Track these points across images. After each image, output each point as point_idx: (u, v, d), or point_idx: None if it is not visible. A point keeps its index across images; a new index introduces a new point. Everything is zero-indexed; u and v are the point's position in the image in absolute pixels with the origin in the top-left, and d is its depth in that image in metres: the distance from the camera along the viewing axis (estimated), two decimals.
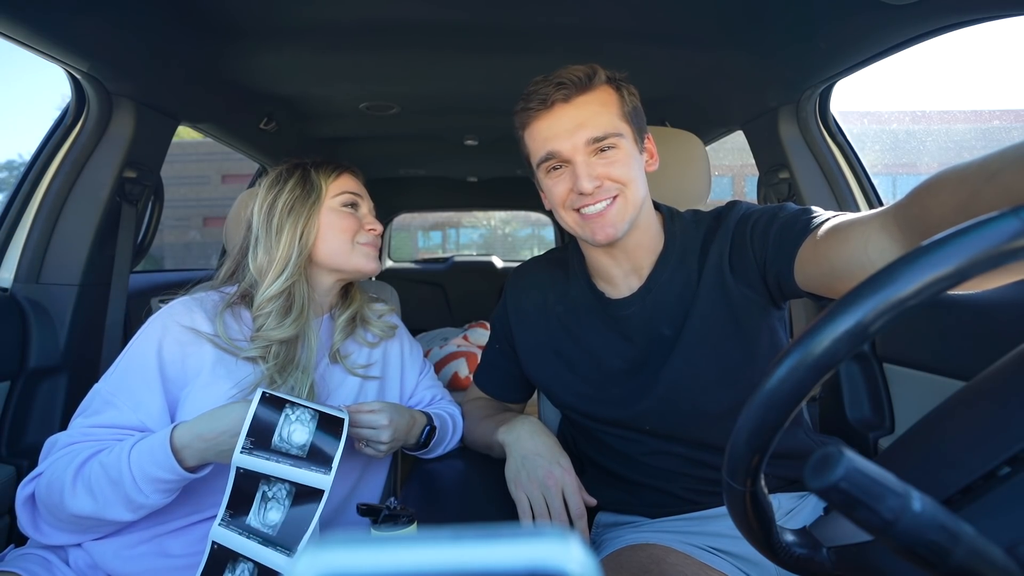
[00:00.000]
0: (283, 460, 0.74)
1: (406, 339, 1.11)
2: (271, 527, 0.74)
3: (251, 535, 0.74)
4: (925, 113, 2.45)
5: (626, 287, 0.92)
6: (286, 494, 0.75)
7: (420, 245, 6.31)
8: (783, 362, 0.33)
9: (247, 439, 0.73)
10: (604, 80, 0.84)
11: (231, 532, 0.74)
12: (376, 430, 0.87)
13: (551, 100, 0.82)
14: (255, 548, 0.73)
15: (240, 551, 0.73)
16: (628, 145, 0.84)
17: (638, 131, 0.87)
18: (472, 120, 2.02)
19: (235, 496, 0.74)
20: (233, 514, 0.74)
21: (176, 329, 0.86)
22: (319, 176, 0.97)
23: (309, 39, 1.25)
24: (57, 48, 1.05)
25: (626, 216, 0.83)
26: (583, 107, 0.82)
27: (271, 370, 0.86)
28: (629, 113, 0.85)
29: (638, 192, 0.84)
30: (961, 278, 0.28)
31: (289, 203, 0.94)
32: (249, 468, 0.73)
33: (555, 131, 0.82)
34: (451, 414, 1.10)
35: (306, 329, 0.92)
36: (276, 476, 0.74)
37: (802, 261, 0.72)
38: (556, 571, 0.18)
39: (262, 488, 0.75)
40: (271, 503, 0.75)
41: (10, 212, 1.23)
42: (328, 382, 0.96)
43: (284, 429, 0.75)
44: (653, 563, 0.79)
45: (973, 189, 0.47)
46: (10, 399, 1.14)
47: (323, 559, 0.18)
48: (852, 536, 0.42)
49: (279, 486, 0.75)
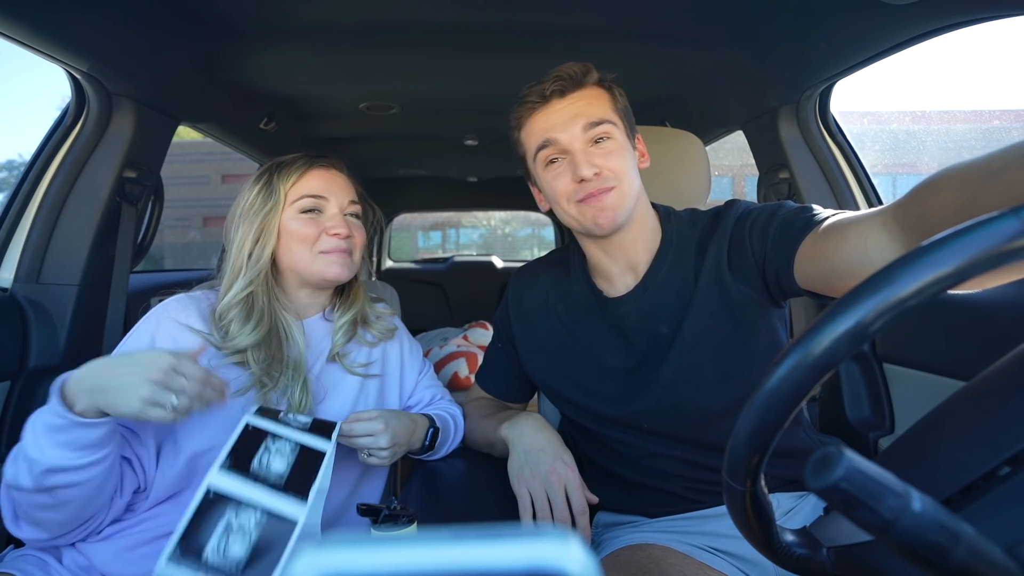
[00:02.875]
0: (260, 484, 0.70)
1: (406, 339, 1.11)
2: (234, 563, 0.65)
3: (208, 571, 0.64)
4: (925, 113, 2.45)
5: (622, 285, 0.92)
6: (255, 523, 0.67)
7: (420, 245, 6.31)
8: (783, 362, 0.33)
9: (227, 458, 0.71)
10: (596, 79, 0.87)
11: (181, 569, 0.64)
12: (374, 436, 0.86)
13: (548, 93, 0.85)
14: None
15: None
16: (622, 137, 0.87)
17: (630, 128, 0.89)
18: (472, 120, 2.02)
19: (195, 520, 0.66)
20: (185, 547, 0.65)
21: (169, 323, 0.86)
22: (280, 180, 0.93)
23: (309, 39, 1.25)
24: (57, 48, 1.05)
25: (623, 204, 0.85)
26: (578, 100, 0.85)
27: (257, 374, 0.85)
28: (621, 110, 0.88)
29: (632, 185, 0.86)
30: (961, 278, 0.28)
31: (247, 210, 0.93)
32: (222, 490, 0.68)
33: (552, 122, 0.85)
34: (452, 414, 1.09)
35: (282, 330, 0.91)
36: (247, 502, 0.68)
37: (802, 259, 0.72)
38: (556, 571, 0.18)
39: (228, 516, 0.67)
40: (235, 535, 0.66)
41: (10, 212, 1.23)
42: (325, 382, 0.95)
43: (263, 457, 0.73)
44: (652, 563, 0.79)
45: (974, 188, 0.47)
46: (10, 399, 1.14)
47: (323, 559, 0.18)
48: (852, 536, 0.42)
49: (248, 514, 0.68)
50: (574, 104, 0.85)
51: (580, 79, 0.85)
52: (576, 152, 0.83)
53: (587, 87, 0.86)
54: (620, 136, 0.86)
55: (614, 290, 0.93)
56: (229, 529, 0.66)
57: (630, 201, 0.85)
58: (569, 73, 0.85)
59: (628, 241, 0.89)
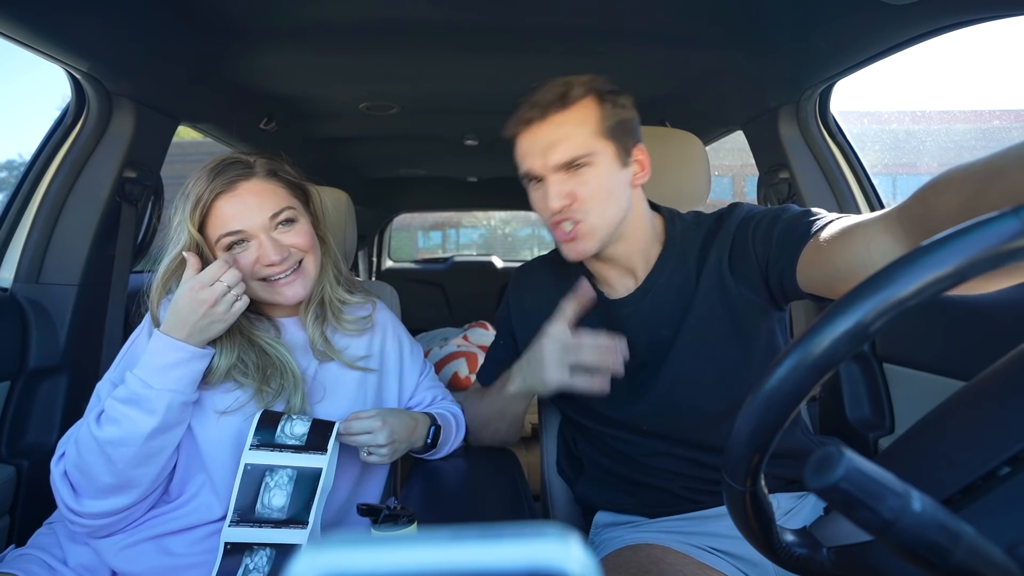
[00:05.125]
0: (266, 526, 0.77)
1: (406, 339, 1.10)
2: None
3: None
4: (925, 113, 2.45)
5: (623, 287, 0.92)
6: (267, 560, 0.77)
7: (420, 245, 6.30)
8: (783, 362, 0.33)
9: (235, 512, 0.77)
10: (584, 94, 0.82)
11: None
12: (372, 434, 0.86)
13: (527, 118, 0.82)
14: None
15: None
16: (605, 162, 0.82)
17: (621, 145, 0.84)
18: (472, 120, 2.02)
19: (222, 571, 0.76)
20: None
21: None
22: (189, 223, 0.82)
23: (309, 39, 1.25)
24: (57, 48, 1.05)
25: (594, 238, 0.84)
26: (558, 126, 0.81)
27: (256, 385, 0.84)
28: (611, 128, 0.82)
29: (609, 211, 0.83)
30: (961, 278, 0.28)
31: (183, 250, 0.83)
32: (236, 540, 0.76)
33: (528, 150, 0.83)
34: (454, 413, 1.09)
35: (257, 340, 0.87)
36: (259, 543, 0.77)
37: (805, 263, 0.72)
38: (556, 571, 0.18)
39: (244, 562, 0.77)
40: (252, 574, 0.76)
41: (10, 212, 1.23)
42: (322, 381, 0.93)
43: (264, 496, 0.78)
44: (652, 563, 0.79)
45: (977, 187, 0.47)
46: (10, 399, 1.14)
47: (323, 559, 0.18)
48: (852, 536, 0.42)
49: (260, 554, 0.77)
50: (553, 131, 0.81)
51: (559, 101, 0.81)
52: (548, 183, 0.82)
53: (571, 107, 0.81)
54: (603, 160, 0.82)
55: (614, 292, 0.93)
56: (247, 572, 0.77)
57: (604, 231, 0.84)
58: (548, 96, 0.81)
59: (619, 254, 0.89)
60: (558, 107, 0.81)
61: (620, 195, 0.84)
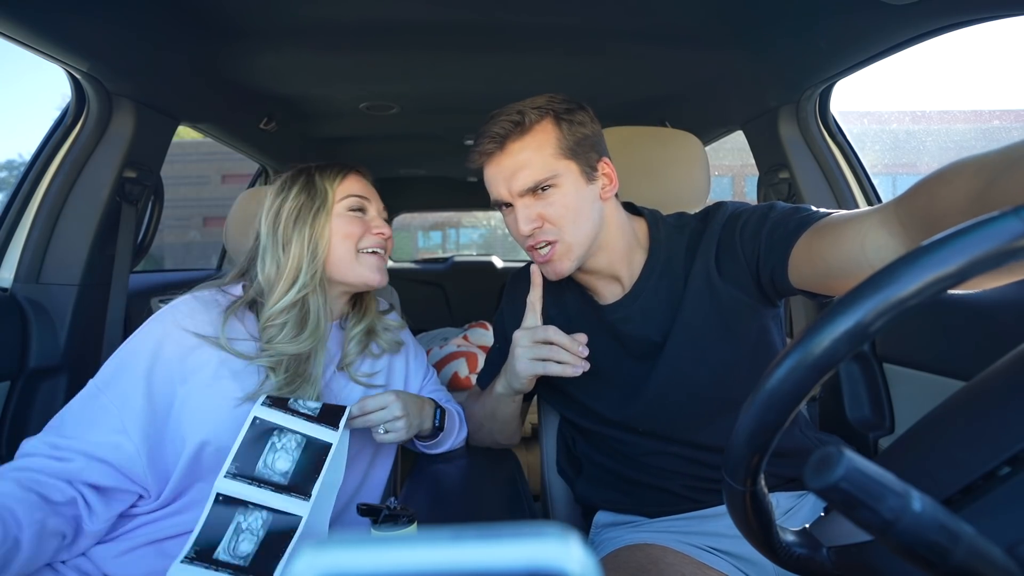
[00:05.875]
0: (265, 487, 0.74)
1: (412, 347, 1.11)
2: (242, 558, 0.72)
3: (219, 568, 0.71)
4: (925, 113, 2.44)
5: (611, 295, 0.92)
6: (261, 523, 0.73)
7: (420, 245, 6.30)
8: (783, 362, 0.33)
9: (232, 463, 0.74)
10: (539, 118, 0.82)
11: (194, 568, 0.71)
12: (387, 408, 0.87)
13: (487, 150, 0.83)
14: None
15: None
16: (570, 181, 0.82)
17: (585, 162, 0.84)
18: (472, 120, 2.00)
19: (207, 526, 0.72)
20: (199, 551, 0.71)
21: (177, 332, 0.84)
22: (324, 180, 0.93)
23: (309, 39, 1.25)
24: (57, 48, 1.05)
25: (570, 256, 0.84)
26: (516, 154, 0.82)
27: (280, 383, 0.85)
28: (571, 147, 0.82)
29: (581, 229, 0.83)
30: (962, 278, 0.28)
31: (295, 211, 0.91)
32: (229, 494, 0.73)
33: (493, 179, 0.85)
34: (456, 409, 1.10)
35: (321, 341, 0.90)
36: (255, 503, 0.73)
37: (796, 260, 0.72)
38: (556, 571, 0.18)
39: (237, 519, 0.73)
40: (244, 534, 0.72)
41: (10, 212, 1.23)
42: (333, 389, 0.95)
43: (268, 456, 0.75)
44: (651, 563, 0.80)
45: (992, 176, 0.45)
46: (10, 399, 1.14)
47: (323, 559, 0.18)
48: (852, 536, 0.42)
49: (255, 515, 0.73)
50: (513, 159, 0.82)
51: (514, 130, 0.81)
52: (516, 208, 0.83)
53: (527, 133, 0.81)
54: (567, 180, 0.82)
55: (604, 299, 0.93)
56: (239, 530, 0.72)
57: (579, 248, 0.84)
58: (504, 127, 0.81)
59: (601, 265, 0.89)
60: (516, 135, 0.82)
61: (589, 211, 0.84)
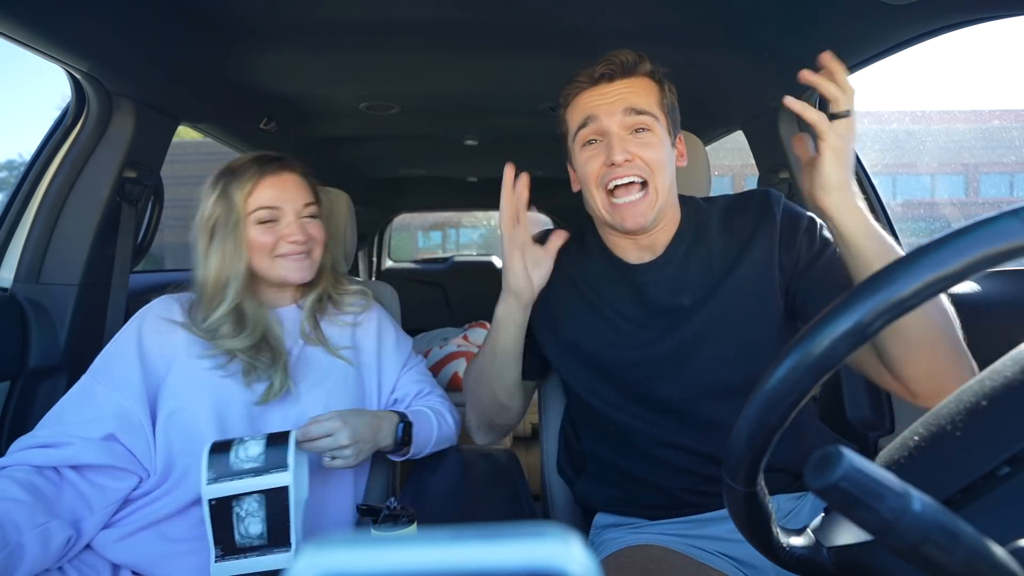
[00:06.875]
0: (245, 475, 0.77)
1: (390, 333, 1.09)
2: (259, 538, 0.77)
3: (248, 553, 0.77)
4: (925, 113, 2.45)
5: (637, 258, 0.94)
6: (258, 505, 0.77)
7: (420, 245, 6.29)
8: (782, 362, 0.33)
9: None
10: (648, 71, 0.88)
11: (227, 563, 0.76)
12: (333, 436, 0.85)
13: (597, 76, 0.86)
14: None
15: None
16: (662, 132, 0.87)
17: (672, 125, 0.89)
18: (472, 120, 2.02)
19: (216, 527, 0.76)
20: (223, 548, 0.77)
21: (153, 319, 0.93)
22: (235, 191, 0.94)
23: (309, 39, 1.25)
24: (57, 48, 1.05)
25: (655, 207, 0.85)
26: (626, 87, 0.86)
27: (245, 362, 0.91)
28: (667, 106, 0.88)
29: (664, 181, 0.86)
30: (960, 278, 0.28)
31: (211, 224, 0.95)
32: (218, 495, 0.77)
33: (596, 102, 0.86)
34: (435, 408, 1.07)
35: (268, 329, 0.95)
36: (243, 492, 0.77)
37: (811, 312, 0.79)
38: (556, 571, 0.18)
39: (235, 511, 0.77)
40: (249, 519, 0.77)
41: (10, 212, 1.23)
42: (304, 364, 0.98)
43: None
44: (652, 564, 0.79)
45: None
46: (10, 399, 1.14)
47: (323, 559, 0.18)
48: (852, 536, 0.42)
49: (248, 501, 0.77)
50: (621, 89, 0.85)
51: (632, 67, 0.86)
52: (612, 135, 0.84)
53: (637, 76, 0.87)
54: (661, 131, 0.86)
55: (631, 260, 0.94)
56: (241, 518, 0.77)
57: (662, 200, 0.86)
58: (621, 60, 0.85)
59: (655, 232, 0.91)
60: (628, 72, 0.86)
61: (671, 169, 0.88)
